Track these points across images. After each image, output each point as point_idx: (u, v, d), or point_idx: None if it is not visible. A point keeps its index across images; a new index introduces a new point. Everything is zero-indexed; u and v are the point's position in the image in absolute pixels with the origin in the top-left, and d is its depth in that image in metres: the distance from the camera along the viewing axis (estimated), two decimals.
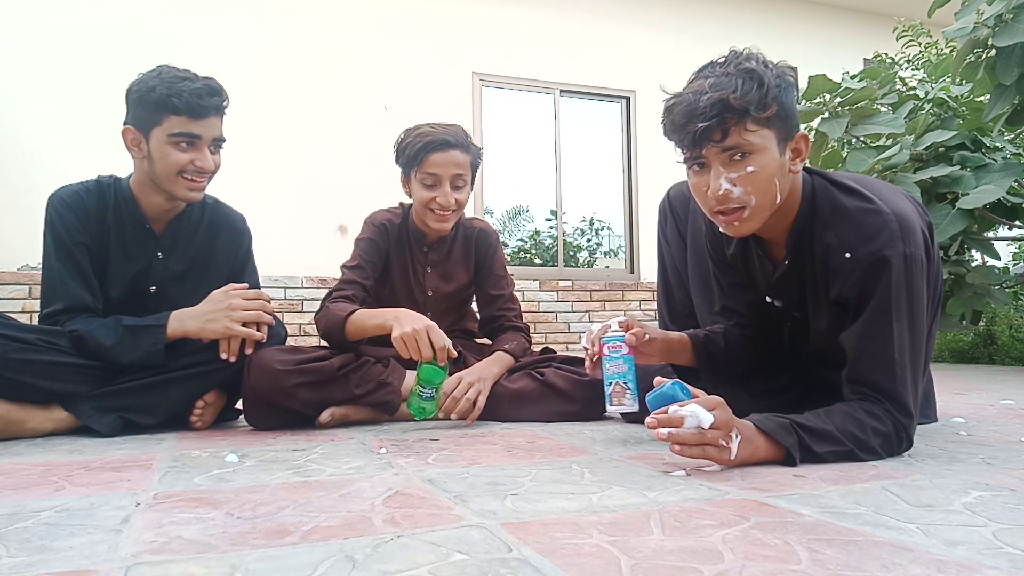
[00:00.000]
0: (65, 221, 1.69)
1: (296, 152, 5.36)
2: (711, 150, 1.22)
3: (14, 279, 4.44)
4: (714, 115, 1.18)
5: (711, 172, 1.24)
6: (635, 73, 6.51)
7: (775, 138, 1.22)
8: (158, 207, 1.76)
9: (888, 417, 1.25)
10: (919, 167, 3.50)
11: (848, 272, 1.27)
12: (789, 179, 1.28)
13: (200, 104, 1.63)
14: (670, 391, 1.19)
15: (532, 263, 6.54)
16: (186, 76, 1.66)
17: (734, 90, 1.17)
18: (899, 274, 1.22)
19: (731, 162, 1.22)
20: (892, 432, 1.25)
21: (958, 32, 3.08)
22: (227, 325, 1.66)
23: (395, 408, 1.79)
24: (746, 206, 1.24)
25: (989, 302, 3.60)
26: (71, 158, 4.81)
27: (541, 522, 0.87)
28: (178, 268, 1.81)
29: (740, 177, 1.22)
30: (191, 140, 1.66)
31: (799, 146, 1.27)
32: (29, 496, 1.04)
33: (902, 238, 1.22)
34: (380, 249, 1.94)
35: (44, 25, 5.00)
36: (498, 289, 2.06)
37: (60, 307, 1.67)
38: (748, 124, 1.19)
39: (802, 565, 0.71)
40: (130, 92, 1.68)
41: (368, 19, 5.82)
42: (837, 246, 1.28)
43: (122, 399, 1.65)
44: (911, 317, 1.25)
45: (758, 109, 1.18)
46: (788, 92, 1.23)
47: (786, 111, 1.23)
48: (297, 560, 0.74)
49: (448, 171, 1.84)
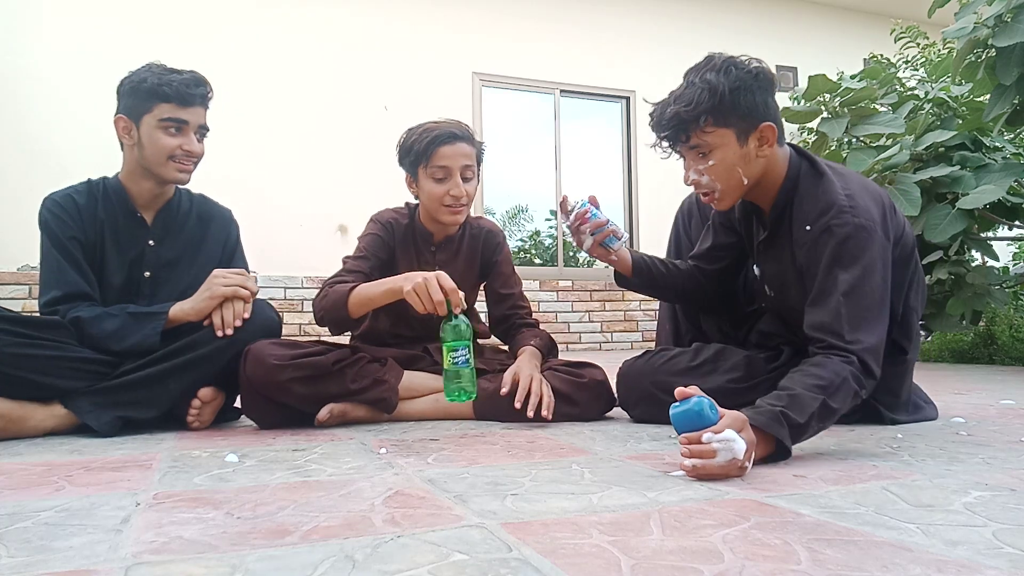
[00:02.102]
0: (57, 219, 1.76)
1: (296, 152, 5.36)
2: (682, 148, 1.50)
3: (14, 279, 4.45)
4: (672, 126, 1.46)
5: (686, 166, 1.52)
6: (635, 73, 6.52)
7: (734, 134, 1.45)
8: (148, 193, 1.84)
9: (836, 357, 1.32)
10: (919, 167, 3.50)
11: (805, 242, 1.48)
12: (759, 163, 1.50)
13: (188, 92, 1.75)
14: (697, 408, 1.13)
15: (532, 263, 6.55)
16: (174, 69, 1.78)
17: (688, 103, 1.43)
18: (843, 240, 1.41)
19: (698, 157, 1.48)
20: (841, 370, 1.30)
21: (958, 32, 3.08)
22: (212, 290, 1.74)
23: (392, 406, 1.79)
24: (714, 190, 1.50)
25: (989, 302, 3.60)
26: (71, 158, 4.81)
27: (541, 522, 0.87)
28: (169, 255, 1.87)
29: (706, 168, 1.48)
30: (179, 125, 1.76)
31: (765, 134, 1.46)
32: (29, 496, 1.04)
33: (850, 211, 1.42)
34: (385, 244, 1.93)
35: (44, 25, 5.01)
36: (508, 288, 2.06)
37: (59, 294, 1.72)
38: (705, 127, 1.43)
39: (802, 565, 0.71)
40: (122, 85, 1.79)
41: (368, 19, 5.83)
42: (801, 220, 1.50)
43: (121, 394, 1.66)
44: (854, 269, 1.39)
45: (708, 115, 1.42)
46: (748, 92, 1.43)
47: (743, 110, 1.43)
48: (297, 560, 0.74)
49: (458, 162, 1.84)
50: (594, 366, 1.89)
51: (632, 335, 6.12)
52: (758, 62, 1.48)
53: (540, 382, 1.75)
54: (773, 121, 1.47)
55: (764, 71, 1.48)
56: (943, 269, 3.54)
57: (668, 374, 1.72)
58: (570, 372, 1.85)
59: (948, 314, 3.63)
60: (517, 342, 1.97)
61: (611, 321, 6.08)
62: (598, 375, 1.85)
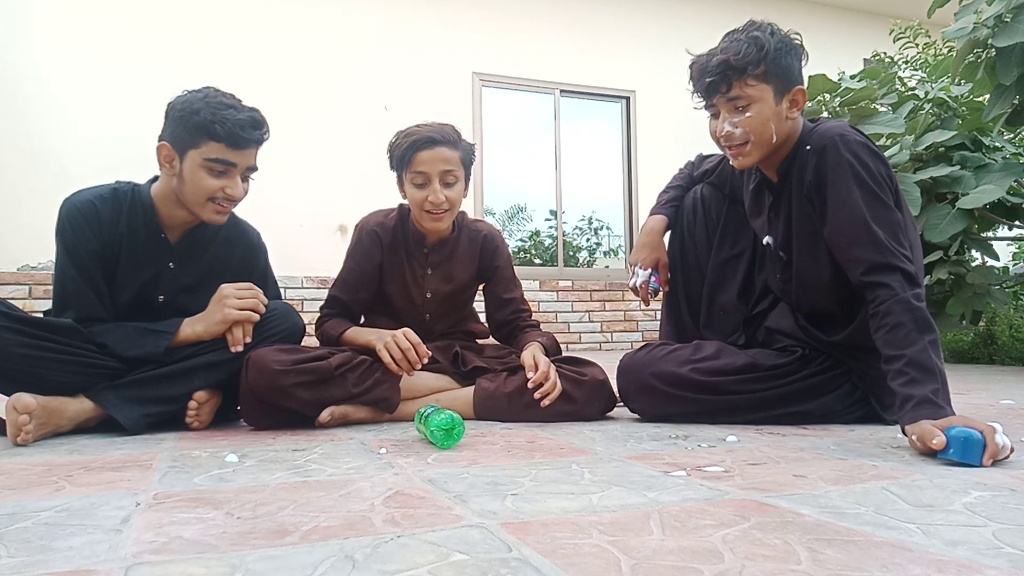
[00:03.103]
0: (76, 230, 1.67)
1: (296, 152, 5.36)
2: (720, 100, 1.56)
3: (14, 279, 4.44)
4: (718, 72, 1.52)
5: (720, 118, 1.57)
6: (635, 73, 6.52)
7: (772, 91, 1.53)
8: (179, 219, 1.76)
9: (901, 291, 1.39)
10: (919, 167, 3.50)
11: (808, 164, 1.56)
12: (787, 124, 1.58)
13: (242, 136, 1.64)
14: (978, 436, 1.20)
15: (532, 263, 6.54)
16: (232, 104, 1.66)
17: (736, 52, 1.50)
18: (843, 149, 1.51)
19: (734, 110, 1.55)
20: (910, 299, 1.38)
21: (958, 32, 3.08)
22: (224, 313, 1.70)
23: (394, 405, 1.79)
24: (747, 142, 1.56)
25: (989, 302, 3.60)
26: (71, 159, 4.82)
27: (541, 522, 0.87)
28: (189, 279, 1.80)
29: (741, 120, 1.55)
30: (225, 168, 1.66)
31: (796, 98, 1.56)
32: (29, 496, 1.04)
33: (839, 133, 1.54)
34: (371, 259, 1.94)
35: (45, 26, 5.00)
36: (509, 292, 2.06)
37: (72, 317, 1.68)
38: (748, 80, 1.51)
39: (802, 565, 0.71)
40: (173, 109, 1.66)
41: (368, 19, 5.82)
42: (803, 156, 1.58)
43: (146, 389, 1.65)
44: (866, 186, 1.49)
45: (755, 67, 1.50)
46: (788, 54, 1.54)
47: (783, 69, 1.53)
48: (297, 560, 0.74)
49: (436, 168, 1.82)
50: (595, 365, 1.88)
51: (632, 335, 6.12)
52: (796, 34, 1.60)
53: (555, 370, 1.79)
54: (804, 88, 1.57)
55: (800, 42, 1.60)
56: (943, 269, 3.54)
57: (669, 366, 1.73)
58: (571, 369, 1.85)
59: (948, 314, 3.63)
60: (523, 340, 1.97)
61: (611, 321, 6.08)
62: (599, 374, 1.85)
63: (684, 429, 1.65)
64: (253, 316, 1.72)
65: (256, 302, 1.74)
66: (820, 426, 1.68)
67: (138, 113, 4.30)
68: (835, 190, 1.51)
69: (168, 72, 4.78)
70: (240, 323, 1.72)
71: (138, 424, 1.63)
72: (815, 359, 1.71)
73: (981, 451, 1.19)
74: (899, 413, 1.33)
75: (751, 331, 1.88)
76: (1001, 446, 1.21)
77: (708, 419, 1.72)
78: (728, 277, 1.91)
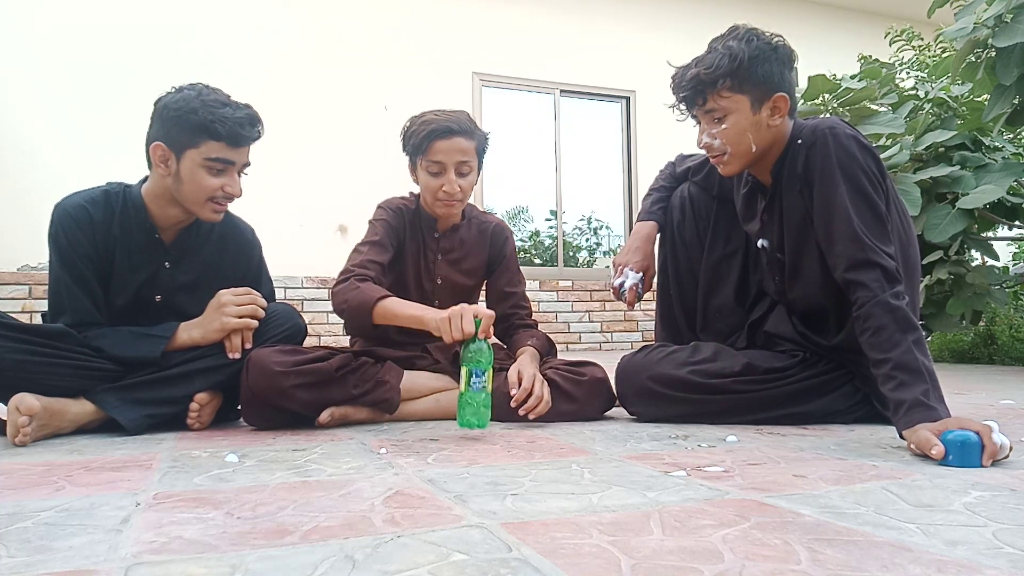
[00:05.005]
0: (69, 235, 1.66)
1: (296, 152, 5.36)
2: (698, 111, 1.58)
3: (14, 279, 4.44)
4: (690, 87, 1.55)
5: (700, 128, 1.60)
6: (635, 73, 6.52)
7: (748, 101, 1.53)
8: (172, 219, 1.75)
9: (880, 291, 1.39)
10: (919, 167, 3.50)
11: (799, 157, 1.55)
12: (769, 132, 1.57)
13: (242, 134, 1.65)
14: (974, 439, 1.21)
15: (532, 263, 6.54)
16: (227, 102, 1.65)
17: (708, 66, 1.51)
18: (833, 143, 1.49)
19: (712, 121, 1.56)
20: (888, 299, 1.38)
21: (958, 32, 3.08)
22: (222, 321, 1.70)
23: (394, 407, 1.79)
24: (725, 152, 1.57)
25: (989, 302, 3.60)
26: (71, 159, 4.82)
27: (541, 522, 0.87)
28: (186, 278, 1.80)
29: (718, 132, 1.56)
30: (225, 167, 1.67)
31: (778, 104, 1.54)
32: (29, 496, 1.04)
33: (830, 127, 1.52)
34: (395, 229, 1.94)
35: (44, 26, 5.00)
36: (512, 286, 2.05)
37: (68, 322, 1.67)
38: (721, 92, 1.52)
39: (802, 565, 0.71)
40: (166, 109, 1.63)
41: (368, 19, 5.82)
42: (795, 151, 1.57)
43: (147, 391, 1.65)
44: (853, 180, 1.48)
45: (725, 80, 1.50)
46: (766, 62, 1.52)
47: (760, 78, 1.51)
48: (297, 560, 0.74)
49: (452, 158, 1.83)
50: (595, 365, 1.89)
51: (632, 335, 6.12)
52: (779, 37, 1.57)
53: (541, 383, 1.75)
54: (787, 93, 1.54)
55: (784, 45, 1.56)
56: (943, 269, 3.54)
57: (667, 368, 1.73)
58: (570, 370, 1.85)
59: (948, 314, 3.63)
60: (515, 342, 1.97)
61: (611, 321, 6.08)
62: (598, 373, 1.85)
63: (684, 429, 1.65)
64: (251, 323, 1.72)
65: (255, 308, 1.73)
66: (820, 426, 1.68)
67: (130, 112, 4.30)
68: (822, 185, 1.51)
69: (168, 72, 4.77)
70: (238, 330, 1.71)
71: (139, 425, 1.63)
72: (816, 363, 1.71)
73: (979, 453, 1.20)
74: (894, 419, 1.33)
75: (751, 336, 1.87)
76: (1000, 445, 1.21)
77: (708, 420, 1.72)
78: (723, 277, 1.89)
